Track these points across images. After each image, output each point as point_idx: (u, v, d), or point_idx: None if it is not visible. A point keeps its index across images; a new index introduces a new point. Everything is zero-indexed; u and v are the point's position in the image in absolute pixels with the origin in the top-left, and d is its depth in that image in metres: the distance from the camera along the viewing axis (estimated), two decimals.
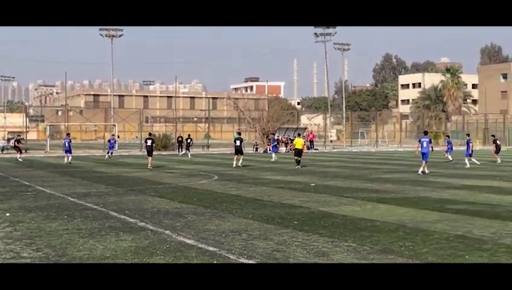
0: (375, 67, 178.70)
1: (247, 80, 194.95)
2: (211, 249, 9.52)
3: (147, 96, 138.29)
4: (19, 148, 40.16)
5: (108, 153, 42.10)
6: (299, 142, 31.77)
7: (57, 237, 10.64)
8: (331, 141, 68.46)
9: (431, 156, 27.18)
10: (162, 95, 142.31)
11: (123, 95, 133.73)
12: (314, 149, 56.21)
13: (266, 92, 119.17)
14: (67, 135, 39.52)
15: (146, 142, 32.31)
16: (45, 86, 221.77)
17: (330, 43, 78.55)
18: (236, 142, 32.02)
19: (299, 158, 30.70)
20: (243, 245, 9.81)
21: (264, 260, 8.76)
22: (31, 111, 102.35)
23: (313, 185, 20.94)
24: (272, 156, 39.25)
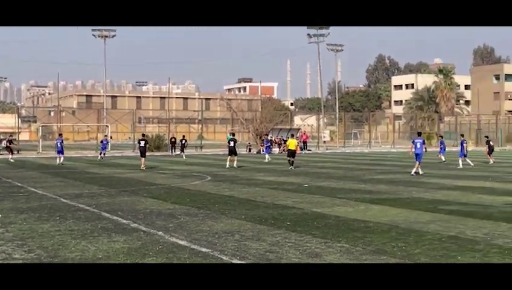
0: (368, 68, 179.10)
1: (240, 80, 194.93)
2: (203, 250, 9.50)
3: (140, 97, 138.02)
4: (11, 148, 40.00)
5: (100, 154, 41.97)
6: (292, 143, 31.77)
7: (49, 238, 10.59)
8: (325, 141, 68.51)
9: (424, 157, 27.24)
10: (155, 95, 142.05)
11: (116, 96, 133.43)
12: (308, 150, 56.24)
13: (259, 93, 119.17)
14: (60, 135, 39.32)
15: (139, 143, 32.25)
16: (37, 86, 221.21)
17: (323, 44, 78.67)
18: (230, 143, 32.05)
19: (292, 159, 30.72)
20: (235, 246, 9.79)
21: (257, 261, 8.74)
22: (23, 112, 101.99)
23: (306, 186, 20.94)
24: (266, 157, 39.24)
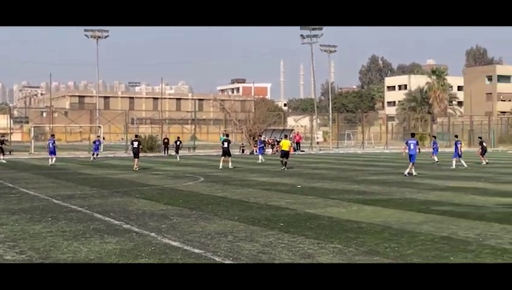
0: (361, 69, 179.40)
1: (233, 81, 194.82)
2: (196, 251, 9.48)
3: (133, 97, 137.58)
4: (3, 149, 39.77)
5: (93, 154, 41.85)
6: (285, 144, 31.78)
7: (40, 239, 10.54)
8: (318, 142, 68.57)
9: (417, 157, 27.28)
10: (147, 96, 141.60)
11: (108, 97, 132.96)
12: (301, 151, 56.25)
13: (253, 94, 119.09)
14: (52, 136, 39.12)
15: (132, 144, 32.17)
16: (30, 87, 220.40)
17: (316, 45, 78.61)
18: (224, 144, 32.09)
19: (285, 160, 30.72)
20: (228, 247, 9.77)
21: (250, 262, 8.72)
22: (15, 112, 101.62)
23: (300, 186, 20.95)
24: (259, 157, 39.24)
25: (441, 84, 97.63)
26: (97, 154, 42.44)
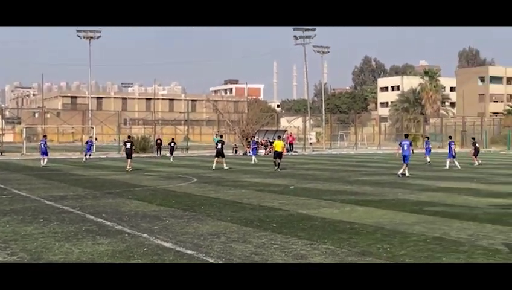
0: (354, 70, 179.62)
1: (226, 82, 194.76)
2: (189, 252, 9.45)
3: (126, 98, 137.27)
4: None
5: (85, 155, 41.71)
6: (278, 145, 31.79)
7: (32, 240, 10.48)
8: (311, 143, 68.61)
9: (410, 158, 27.32)
10: (140, 97, 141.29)
11: (101, 97, 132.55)
12: (294, 152, 56.25)
13: (246, 95, 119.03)
14: (44, 137, 38.94)
15: (125, 145, 32.08)
16: (22, 87, 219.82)
17: (310, 46, 78.70)
18: (217, 145, 32.13)
19: (278, 160, 30.72)
20: (221, 248, 9.75)
21: (242, 263, 8.70)
22: (7, 113, 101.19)
23: (292, 187, 20.95)
24: (252, 158, 39.24)
25: (433, 85, 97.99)
26: (90, 155, 42.30)
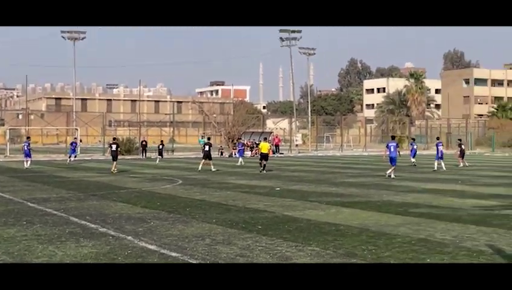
0: (340, 72, 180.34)
1: (212, 83, 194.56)
2: (173, 254, 9.39)
3: (111, 99, 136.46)
4: None
5: (69, 157, 41.41)
6: (264, 147, 31.78)
7: (15, 243, 10.37)
8: (297, 145, 68.65)
9: (397, 160, 27.31)
10: (125, 98, 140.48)
11: (86, 99, 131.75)
12: (280, 153, 56.28)
13: (232, 96, 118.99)
14: (27, 138, 38.67)
15: (111, 146, 31.90)
16: (5, 89, 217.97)
17: (296, 48, 78.73)
18: (205, 147, 32.16)
19: (264, 162, 30.70)
20: (206, 250, 9.70)
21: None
22: None
23: (278, 189, 20.93)
24: (239, 160, 39.19)
25: (419, 87, 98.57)
26: (75, 156, 42.03)
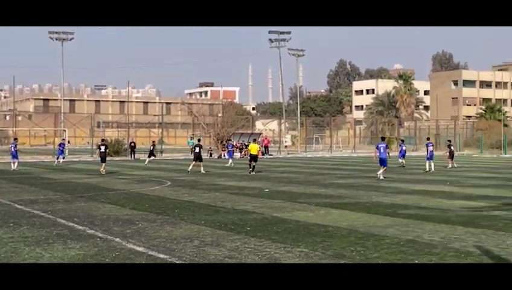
0: (329, 73, 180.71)
1: (201, 84, 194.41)
2: (161, 256, 9.34)
3: (99, 101, 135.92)
4: None
5: (57, 158, 41.16)
6: (254, 148, 31.76)
7: (1, 245, 10.27)
8: (286, 146, 68.72)
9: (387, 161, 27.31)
10: (114, 99, 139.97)
11: (74, 100, 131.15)
12: (269, 155, 56.31)
13: (221, 97, 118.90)
14: (15, 140, 38.45)
15: (99, 148, 31.76)
16: None
17: (285, 49, 78.74)
18: (195, 149, 32.13)
19: (254, 163, 30.67)
20: (194, 252, 9.66)
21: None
22: None
23: (267, 190, 20.90)
24: (229, 161, 39.15)
25: (407, 89, 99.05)
26: (63, 158, 41.80)
